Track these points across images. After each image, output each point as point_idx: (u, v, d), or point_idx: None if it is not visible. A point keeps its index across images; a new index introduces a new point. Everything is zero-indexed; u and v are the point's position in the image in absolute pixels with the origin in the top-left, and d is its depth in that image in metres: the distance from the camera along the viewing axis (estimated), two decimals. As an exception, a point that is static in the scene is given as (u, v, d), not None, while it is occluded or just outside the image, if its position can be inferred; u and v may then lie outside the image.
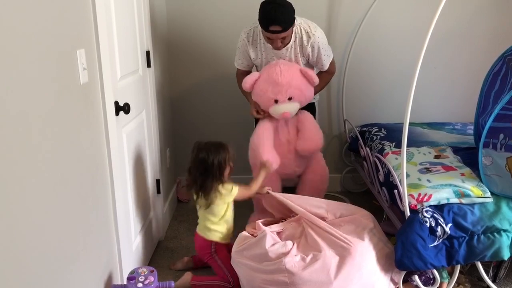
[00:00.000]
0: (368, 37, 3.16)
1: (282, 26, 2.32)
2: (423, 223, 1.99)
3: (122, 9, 2.08)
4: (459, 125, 3.10)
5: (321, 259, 2.00)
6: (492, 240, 2.03)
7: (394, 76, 3.27)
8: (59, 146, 1.42)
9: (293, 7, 2.36)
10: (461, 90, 3.31)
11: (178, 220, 3.06)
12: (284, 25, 2.33)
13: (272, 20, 2.31)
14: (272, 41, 2.44)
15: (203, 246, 2.34)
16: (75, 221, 1.54)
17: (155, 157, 2.67)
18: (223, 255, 2.33)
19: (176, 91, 3.27)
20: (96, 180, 1.75)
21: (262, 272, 2.07)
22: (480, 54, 3.18)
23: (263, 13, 2.33)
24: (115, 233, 1.97)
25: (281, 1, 2.33)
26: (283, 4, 2.33)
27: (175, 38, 3.15)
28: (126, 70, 2.14)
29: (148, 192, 2.55)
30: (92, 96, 1.69)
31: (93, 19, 1.69)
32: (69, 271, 1.49)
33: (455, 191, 2.07)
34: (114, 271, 1.95)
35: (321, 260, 2.00)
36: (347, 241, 2.02)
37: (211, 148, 2.20)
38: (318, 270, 1.98)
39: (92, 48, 1.69)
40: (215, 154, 2.18)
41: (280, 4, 2.31)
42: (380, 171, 2.45)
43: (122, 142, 2.09)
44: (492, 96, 2.35)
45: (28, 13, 1.24)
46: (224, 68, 3.19)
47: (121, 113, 1.99)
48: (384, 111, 3.32)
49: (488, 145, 2.12)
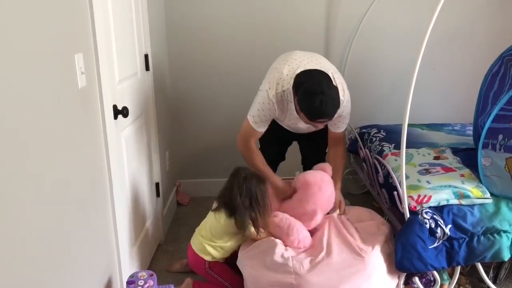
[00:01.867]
0: (367, 38, 3.16)
1: (331, 118, 2.10)
2: (422, 225, 1.99)
3: (120, 13, 2.08)
4: (458, 126, 3.10)
5: (331, 264, 1.98)
6: (492, 241, 2.03)
7: (393, 77, 3.27)
8: (57, 150, 1.41)
9: (338, 90, 2.11)
10: (460, 91, 3.31)
11: (177, 223, 3.06)
12: (332, 116, 2.10)
13: (321, 115, 2.05)
14: (312, 125, 2.18)
15: (197, 261, 2.26)
16: (74, 225, 1.54)
17: (154, 160, 2.67)
18: (219, 269, 2.26)
19: (175, 94, 3.26)
20: (95, 183, 1.74)
21: (269, 271, 2.04)
22: (479, 55, 3.19)
23: (311, 107, 2.02)
24: (114, 236, 1.96)
25: (329, 92, 2.02)
26: (332, 96, 2.03)
27: (174, 41, 3.15)
28: (124, 73, 2.14)
29: (148, 196, 2.55)
30: (90, 100, 1.69)
31: (91, 23, 1.69)
32: (68, 276, 1.48)
33: (455, 192, 2.06)
34: (114, 275, 1.95)
35: (331, 265, 1.98)
36: (362, 252, 2.01)
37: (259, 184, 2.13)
38: (327, 274, 1.97)
39: (90, 52, 1.68)
40: (264, 192, 2.13)
41: (329, 96, 2.01)
42: (379, 173, 2.45)
43: (121, 146, 2.09)
44: (491, 96, 2.35)
45: (25, 17, 1.23)
46: (223, 71, 3.20)
47: (119, 117, 1.99)
48: (383, 113, 3.32)
49: (488, 146, 2.12)
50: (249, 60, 3.16)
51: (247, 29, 3.13)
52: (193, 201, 3.37)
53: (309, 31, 3.15)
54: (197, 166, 3.44)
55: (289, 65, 2.22)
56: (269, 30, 3.14)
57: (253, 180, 2.12)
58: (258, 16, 3.11)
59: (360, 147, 2.88)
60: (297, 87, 2.10)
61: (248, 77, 2.67)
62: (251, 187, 2.10)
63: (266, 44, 3.14)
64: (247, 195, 2.10)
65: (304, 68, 2.17)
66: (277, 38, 3.14)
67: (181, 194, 3.39)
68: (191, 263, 2.32)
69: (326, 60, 2.35)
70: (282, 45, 3.12)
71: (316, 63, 2.24)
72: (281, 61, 2.30)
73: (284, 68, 2.21)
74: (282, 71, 2.20)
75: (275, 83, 2.20)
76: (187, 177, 3.45)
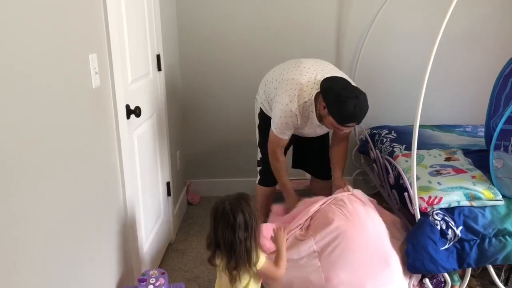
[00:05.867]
0: (378, 39, 3.15)
1: (360, 122, 2.14)
2: (433, 226, 1.98)
3: (133, 14, 2.10)
4: (469, 127, 3.09)
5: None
6: (503, 243, 2.02)
7: (404, 78, 3.26)
8: (71, 149, 1.44)
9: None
10: (472, 92, 3.29)
11: (188, 223, 3.08)
12: (361, 120, 2.13)
13: (353, 119, 2.09)
14: (338, 130, 2.20)
15: None
16: (88, 224, 1.56)
17: (165, 160, 2.69)
18: None
19: (186, 94, 3.28)
20: (108, 182, 1.76)
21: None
22: (491, 56, 3.16)
23: (344, 112, 2.05)
24: (126, 235, 1.98)
25: (361, 96, 2.07)
26: (364, 99, 2.08)
27: (186, 41, 3.17)
28: (137, 73, 2.16)
29: (159, 195, 2.57)
30: (103, 99, 1.71)
31: (105, 24, 1.71)
32: (81, 273, 1.51)
33: (466, 194, 2.05)
34: (125, 273, 1.97)
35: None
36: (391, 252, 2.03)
37: (241, 203, 1.68)
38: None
39: (104, 52, 1.71)
40: (248, 207, 1.69)
41: (362, 100, 2.06)
42: (390, 174, 2.44)
43: (133, 145, 2.11)
44: (503, 98, 2.34)
45: (40, 19, 1.26)
46: (234, 72, 3.21)
47: (132, 117, 2.01)
48: (394, 114, 3.31)
49: (499, 147, 2.11)
50: (260, 61, 3.16)
51: (258, 30, 3.15)
52: (203, 200, 3.39)
53: (320, 32, 3.16)
54: (208, 166, 3.46)
55: (306, 75, 2.23)
56: (279, 31, 3.15)
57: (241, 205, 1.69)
58: (268, 17, 3.12)
59: (371, 148, 2.88)
60: (326, 92, 2.10)
61: (259, 78, 2.67)
62: (245, 217, 1.68)
63: (276, 45, 3.15)
64: (242, 228, 1.67)
65: (322, 76, 2.19)
66: (287, 39, 3.15)
67: (192, 193, 3.41)
68: None
69: (333, 66, 2.38)
70: (292, 47, 3.14)
71: (328, 70, 2.26)
72: (293, 70, 2.29)
73: (302, 79, 2.21)
74: (301, 82, 2.20)
75: (296, 95, 2.19)
76: (198, 176, 3.47)
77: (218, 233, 1.67)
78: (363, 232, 2.02)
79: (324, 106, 2.12)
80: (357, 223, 2.03)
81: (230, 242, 1.67)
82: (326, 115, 2.13)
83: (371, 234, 2.03)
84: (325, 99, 2.11)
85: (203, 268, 2.53)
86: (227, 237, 1.66)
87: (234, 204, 1.68)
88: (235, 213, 1.65)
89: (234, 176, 3.42)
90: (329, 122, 2.15)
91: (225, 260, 1.70)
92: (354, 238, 2.00)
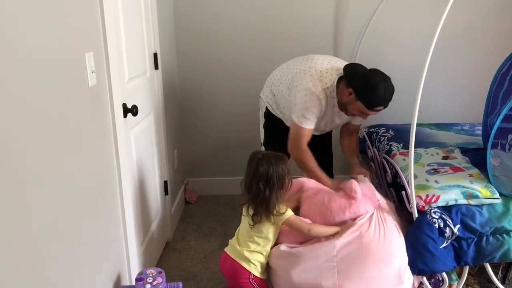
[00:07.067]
0: (375, 37, 3.15)
1: (386, 106, 2.15)
2: (431, 224, 1.98)
3: (129, 12, 2.09)
4: (467, 125, 3.08)
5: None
6: (501, 241, 2.02)
7: (402, 77, 3.23)
8: (68, 148, 1.43)
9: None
10: (469, 90, 3.29)
11: (185, 221, 3.08)
12: (387, 105, 2.15)
13: (383, 103, 2.11)
14: (364, 115, 2.21)
15: (240, 272, 1.96)
16: (85, 222, 1.56)
17: (162, 159, 2.69)
18: (262, 284, 2.01)
19: (183, 93, 3.28)
20: (104, 181, 1.76)
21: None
22: (489, 55, 3.16)
23: (375, 95, 2.07)
24: (124, 234, 1.98)
25: (389, 80, 2.10)
26: (391, 84, 2.11)
27: (183, 40, 3.16)
28: (134, 72, 2.15)
29: (156, 194, 2.56)
30: (100, 98, 1.71)
31: (101, 22, 1.70)
32: (78, 272, 1.50)
33: (463, 192, 2.05)
34: (123, 272, 1.97)
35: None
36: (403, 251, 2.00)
37: (271, 159, 1.88)
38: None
39: (100, 51, 1.70)
40: (276, 166, 1.86)
41: (390, 83, 2.09)
42: (387, 172, 2.44)
43: (130, 144, 2.10)
44: (500, 96, 2.34)
45: (36, 17, 1.25)
46: (232, 71, 3.21)
47: (129, 115, 2.01)
48: (391, 112, 3.27)
49: (497, 146, 2.11)
50: (257, 60, 3.16)
51: (256, 29, 3.14)
52: (201, 199, 3.39)
53: (317, 32, 3.16)
54: (205, 165, 3.46)
55: (322, 64, 2.22)
56: (277, 31, 3.14)
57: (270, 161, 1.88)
58: (266, 16, 3.12)
59: (368, 147, 2.88)
60: (353, 79, 2.10)
61: (257, 76, 2.67)
62: (268, 170, 1.86)
63: (274, 44, 3.15)
64: (263, 178, 1.86)
65: (338, 65, 2.20)
66: (285, 38, 3.15)
67: (189, 192, 3.41)
68: (228, 273, 2.04)
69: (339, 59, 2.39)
70: (289, 46, 3.14)
71: (342, 61, 2.28)
72: (306, 62, 2.26)
73: (320, 67, 2.20)
74: (320, 69, 2.19)
75: (318, 80, 2.18)
76: (195, 175, 3.46)
77: (246, 177, 1.91)
78: (387, 248, 1.95)
79: (350, 92, 2.10)
80: (382, 238, 1.96)
81: (250, 188, 1.88)
82: (353, 101, 2.11)
83: (393, 250, 1.96)
84: (351, 85, 2.10)
85: (201, 267, 2.52)
86: (248, 183, 1.89)
87: (265, 157, 1.89)
88: (261, 164, 1.85)
89: (232, 175, 3.42)
90: (355, 108, 2.14)
91: (247, 205, 1.92)
92: (375, 252, 1.92)
